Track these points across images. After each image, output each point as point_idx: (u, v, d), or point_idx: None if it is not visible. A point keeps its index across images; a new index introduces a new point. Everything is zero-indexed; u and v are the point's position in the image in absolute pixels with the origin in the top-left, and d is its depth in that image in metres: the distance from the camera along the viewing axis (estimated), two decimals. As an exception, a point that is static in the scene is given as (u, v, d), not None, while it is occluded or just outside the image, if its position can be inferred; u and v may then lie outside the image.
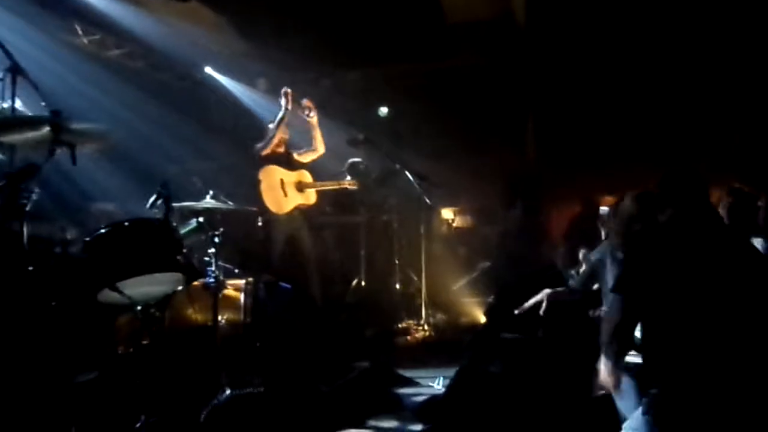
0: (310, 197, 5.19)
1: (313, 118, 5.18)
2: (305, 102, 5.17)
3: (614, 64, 6.92)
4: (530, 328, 3.80)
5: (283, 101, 5.06)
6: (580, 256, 5.02)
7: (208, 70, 6.95)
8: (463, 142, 7.39)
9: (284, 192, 5.01)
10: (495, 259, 6.34)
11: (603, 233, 4.57)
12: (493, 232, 6.94)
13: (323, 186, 5.32)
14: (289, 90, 5.10)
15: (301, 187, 5.13)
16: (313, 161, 5.29)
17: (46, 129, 2.67)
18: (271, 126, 5.11)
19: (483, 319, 5.25)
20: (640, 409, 2.07)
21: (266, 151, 4.99)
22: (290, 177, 5.08)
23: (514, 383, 3.28)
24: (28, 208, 2.69)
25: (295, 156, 5.20)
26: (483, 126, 7.63)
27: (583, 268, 4.57)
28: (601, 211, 4.59)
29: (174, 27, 6.04)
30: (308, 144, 5.27)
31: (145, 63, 6.50)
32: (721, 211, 3.03)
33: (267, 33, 6.63)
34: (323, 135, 5.31)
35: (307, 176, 5.21)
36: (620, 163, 6.91)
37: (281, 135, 5.03)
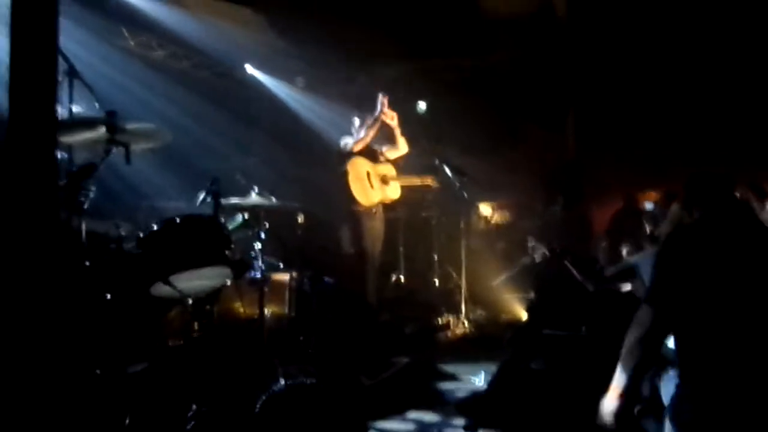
0: (395, 191, 5.34)
1: (395, 120, 5.33)
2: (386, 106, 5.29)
3: (655, 57, 6.76)
4: (573, 325, 3.76)
5: (379, 104, 5.26)
6: (624, 252, 4.94)
7: (249, 68, 7.07)
8: (502, 137, 7.34)
9: (371, 184, 5.17)
10: (536, 254, 6.28)
11: (647, 229, 4.48)
12: (533, 228, 6.87)
13: (408, 181, 5.47)
14: (385, 96, 5.28)
15: (386, 180, 5.29)
16: (399, 159, 5.48)
17: (102, 129, 2.78)
18: (356, 122, 5.34)
19: (524, 315, 5.22)
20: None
21: (357, 148, 5.15)
22: (376, 170, 5.25)
23: (557, 380, 3.26)
24: (86, 206, 2.81)
25: (383, 150, 5.37)
26: (522, 121, 7.56)
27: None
28: (645, 206, 4.50)
29: (215, 27, 6.17)
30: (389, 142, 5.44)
31: (189, 63, 6.66)
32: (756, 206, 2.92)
33: (304, 31, 6.71)
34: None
35: (392, 170, 5.38)
36: (662, 157, 6.76)
37: (373, 133, 5.20)
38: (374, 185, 5.20)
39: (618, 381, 2.02)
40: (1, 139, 1.79)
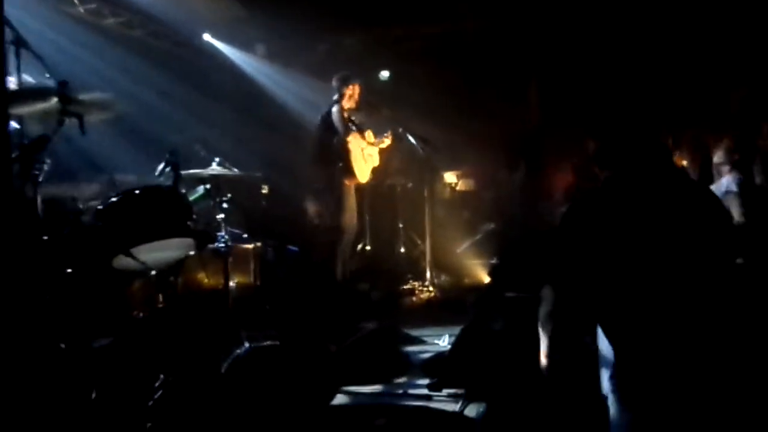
0: (377, 159, 5.42)
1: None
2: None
3: (618, 24, 6.84)
4: (533, 287, 3.88)
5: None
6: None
7: (207, 36, 6.89)
8: (466, 105, 7.37)
9: (364, 159, 5.24)
10: (499, 221, 6.40)
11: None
12: (497, 195, 6.99)
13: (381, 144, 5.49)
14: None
15: (371, 149, 5.36)
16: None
17: (54, 100, 2.71)
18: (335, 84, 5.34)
19: (487, 280, 5.35)
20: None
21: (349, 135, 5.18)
22: (364, 142, 5.29)
23: (516, 339, 3.37)
24: (40, 179, 2.75)
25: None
26: (486, 89, 7.58)
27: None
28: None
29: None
30: None
31: (143, 31, 6.45)
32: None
33: (266, -1, 6.56)
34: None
35: (371, 136, 5.41)
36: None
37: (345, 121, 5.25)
38: (366, 159, 5.23)
39: (543, 345, 2.13)
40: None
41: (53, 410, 2.53)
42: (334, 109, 5.25)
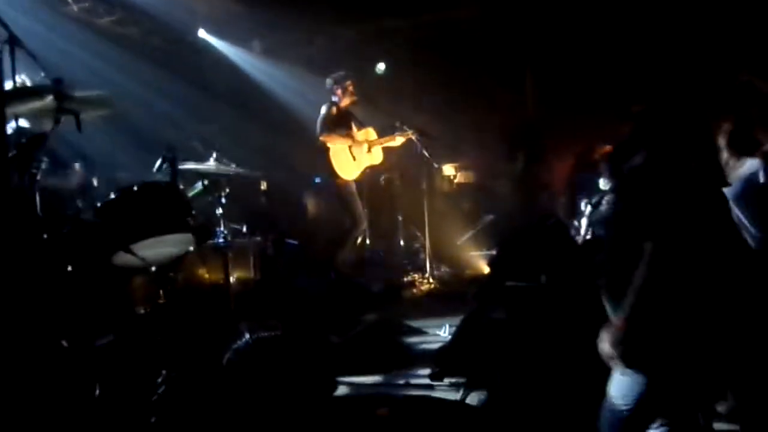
0: (378, 157, 5.39)
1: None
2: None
3: (612, 11, 6.81)
4: (533, 276, 3.89)
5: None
6: (582, 205, 5.09)
7: (202, 33, 6.88)
8: (463, 96, 7.35)
9: (353, 156, 5.19)
10: (498, 211, 6.41)
11: (602, 181, 4.62)
12: (496, 186, 6.99)
13: (386, 142, 5.44)
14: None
15: (369, 147, 5.32)
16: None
17: (50, 98, 2.71)
18: (329, 84, 5.34)
19: (487, 270, 5.36)
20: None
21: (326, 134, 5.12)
22: (357, 139, 5.25)
23: (516, 328, 3.38)
24: (38, 177, 2.76)
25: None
26: (482, 79, 7.56)
27: (584, 218, 4.65)
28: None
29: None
30: None
31: (138, 29, 6.44)
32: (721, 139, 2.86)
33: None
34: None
35: (371, 134, 5.36)
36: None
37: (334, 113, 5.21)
38: (357, 156, 5.20)
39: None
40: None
41: (57, 407, 2.55)
42: (322, 108, 5.26)
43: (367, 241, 5.94)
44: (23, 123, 3.18)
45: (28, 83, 3.06)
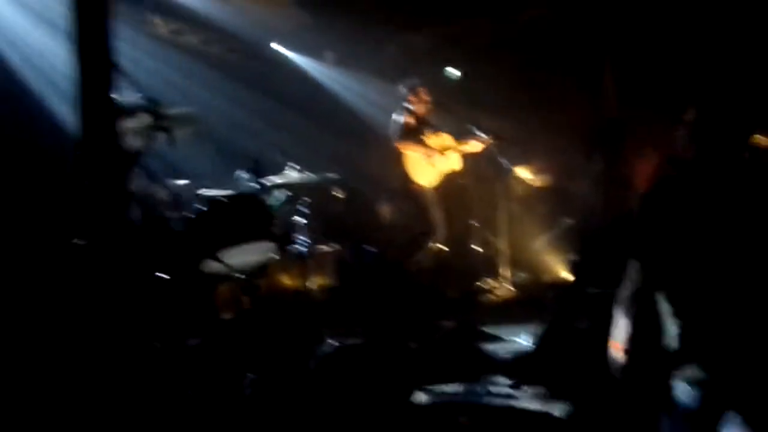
0: (456, 162, 5.40)
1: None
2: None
3: (696, 6, 6.45)
4: (617, 282, 3.74)
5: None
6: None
7: (275, 46, 7.11)
8: (538, 97, 7.18)
9: (431, 163, 5.22)
10: (577, 214, 6.21)
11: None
12: (573, 188, 6.78)
13: (464, 147, 5.41)
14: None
15: (445, 152, 5.33)
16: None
17: (145, 116, 2.89)
18: (402, 91, 5.36)
19: (566, 276, 5.21)
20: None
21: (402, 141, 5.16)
22: (433, 146, 5.26)
23: (601, 337, 3.26)
24: (134, 191, 2.95)
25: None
26: (557, 80, 7.37)
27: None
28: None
29: (242, 9, 6.23)
30: None
31: (220, 46, 6.75)
32: None
33: (331, 4, 6.69)
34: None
35: (449, 140, 5.38)
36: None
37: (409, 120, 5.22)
38: (434, 163, 5.20)
39: (620, 332, 2.05)
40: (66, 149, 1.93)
41: (152, 406, 2.70)
42: (397, 115, 5.29)
43: (443, 247, 5.91)
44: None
45: (123, 102, 3.28)
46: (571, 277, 5.10)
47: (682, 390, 1.92)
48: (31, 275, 3.03)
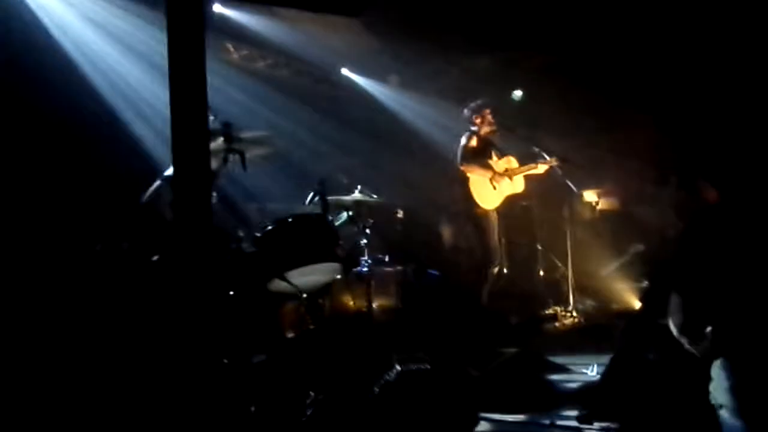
0: (519, 185, 5.36)
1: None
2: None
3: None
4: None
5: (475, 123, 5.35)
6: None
7: (344, 71, 7.29)
8: (603, 119, 7.01)
9: (493, 186, 5.20)
10: (648, 240, 5.97)
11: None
12: (643, 213, 6.53)
13: (530, 170, 5.39)
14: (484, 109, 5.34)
15: (510, 176, 5.31)
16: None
17: (220, 139, 3.02)
18: (466, 114, 5.42)
19: (637, 305, 5.00)
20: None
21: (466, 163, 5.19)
22: (498, 169, 5.26)
23: (672, 371, 3.11)
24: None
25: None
26: (622, 101, 7.18)
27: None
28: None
29: (310, 35, 6.43)
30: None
31: (289, 71, 6.98)
32: None
33: (397, 29, 6.81)
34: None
35: (512, 162, 5.37)
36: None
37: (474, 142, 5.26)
38: (497, 186, 5.18)
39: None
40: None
41: (218, 421, 2.76)
42: (462, 138, 5.28)
43: (504, 271, 5.81)
44: None
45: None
46: (640, 306, 4.89)
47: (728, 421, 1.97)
48: (111, 293, 3.20)
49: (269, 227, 3.12)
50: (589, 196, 6.85)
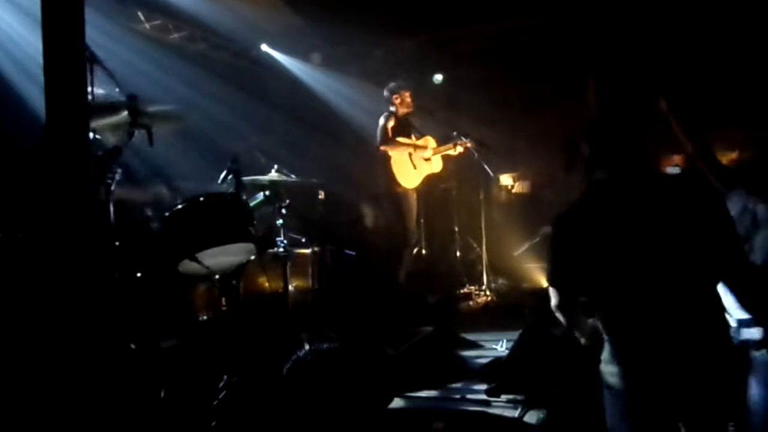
0: (437, 165, 5.41)
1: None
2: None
3: (681, 13, 6.55)
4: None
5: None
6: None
7: (264, 47, 7.08)
8: (522, 106, 7.25)
9: (413, 164, 5.23)
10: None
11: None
12: (554, 197, 6.83)
13: (447, 150, 5.45)
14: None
15: (426, 149, 5.35)
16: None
17: (125, 113, 2.85)
18: (386, 95, 5.42)
19: (545, 283, 5.23)
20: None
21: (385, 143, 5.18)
22: (417, 148, 5.29)
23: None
24: (112, 188, 2.90)
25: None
26: (541, 88, 7.43)
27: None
28: (668, 171, 4.41)
29: (230, 8, 6.17)
30: None
31: (205, 44, 6.70)
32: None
33: (319, 6, 6.68)
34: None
35: (431, 142, 5.41)
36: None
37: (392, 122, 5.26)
38: (417, 165, 5.22)
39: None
40: (37, 136, 1.89)
41: (126, 407, 2.65)
42: (380, 118, 5.31)
43: (423, 252, 5.92)
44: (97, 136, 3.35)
45: (103, 98, 3.23)
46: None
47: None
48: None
49: (179, 206, 3.00)
50: (505, 179, 7.09)
